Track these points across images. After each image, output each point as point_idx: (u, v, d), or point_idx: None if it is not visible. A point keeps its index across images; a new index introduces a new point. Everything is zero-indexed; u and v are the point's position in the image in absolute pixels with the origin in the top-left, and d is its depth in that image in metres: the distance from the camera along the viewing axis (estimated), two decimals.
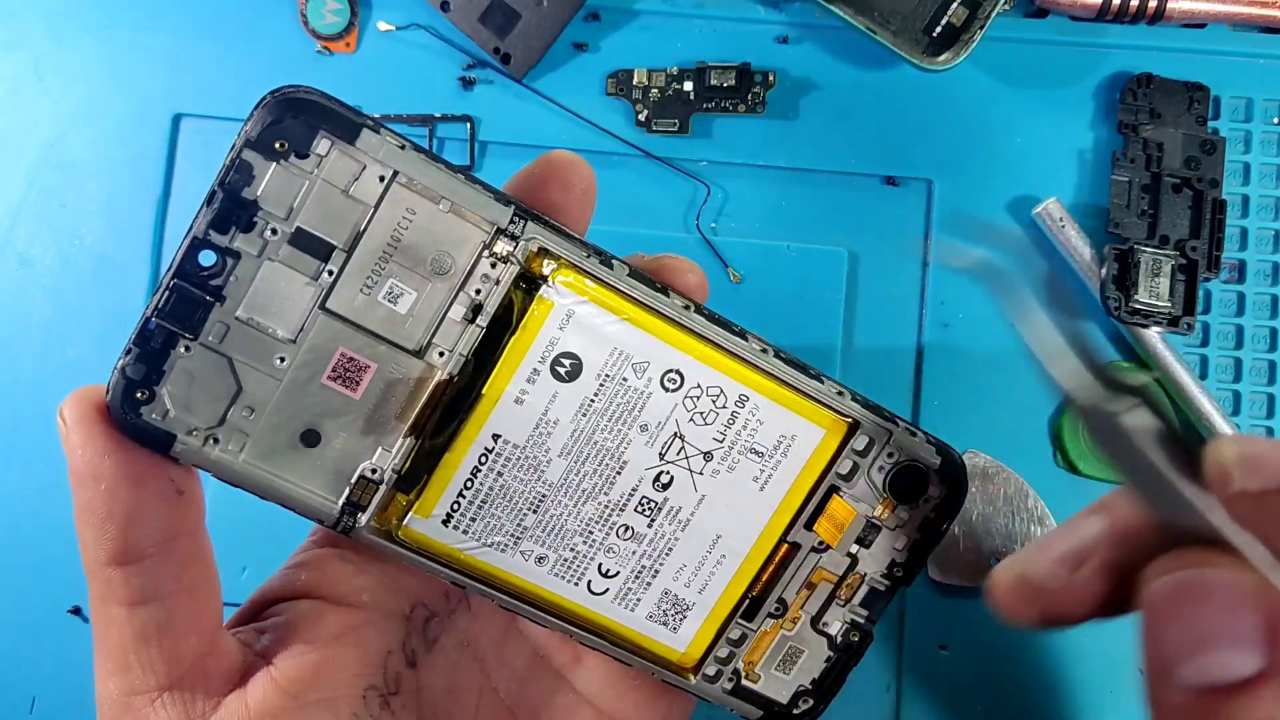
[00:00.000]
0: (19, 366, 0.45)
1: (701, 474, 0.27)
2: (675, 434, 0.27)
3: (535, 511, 0.27)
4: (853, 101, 0.46)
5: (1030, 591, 0.24)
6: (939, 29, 0.43)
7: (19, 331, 0.45)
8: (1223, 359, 0.45)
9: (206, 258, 0.24)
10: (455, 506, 0.26)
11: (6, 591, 0.44)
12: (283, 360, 0.24)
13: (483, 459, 0.26)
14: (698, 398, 0.26)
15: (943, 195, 0.45)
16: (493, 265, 0.25)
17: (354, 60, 0.46)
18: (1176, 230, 0.44)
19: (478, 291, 0.25)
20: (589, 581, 0.27)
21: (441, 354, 0.25)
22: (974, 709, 0.44)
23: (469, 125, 0.45)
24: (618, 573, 0.28)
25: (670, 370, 0.26)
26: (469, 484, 0.26)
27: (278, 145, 0.23)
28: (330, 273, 0.24)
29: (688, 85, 0.45)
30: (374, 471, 0.25)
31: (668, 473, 0.27)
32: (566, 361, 0.26)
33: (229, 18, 0.46)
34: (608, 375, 0.26)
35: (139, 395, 0.24)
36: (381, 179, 0.24)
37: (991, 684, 0.44)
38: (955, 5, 0.42)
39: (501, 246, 0.25)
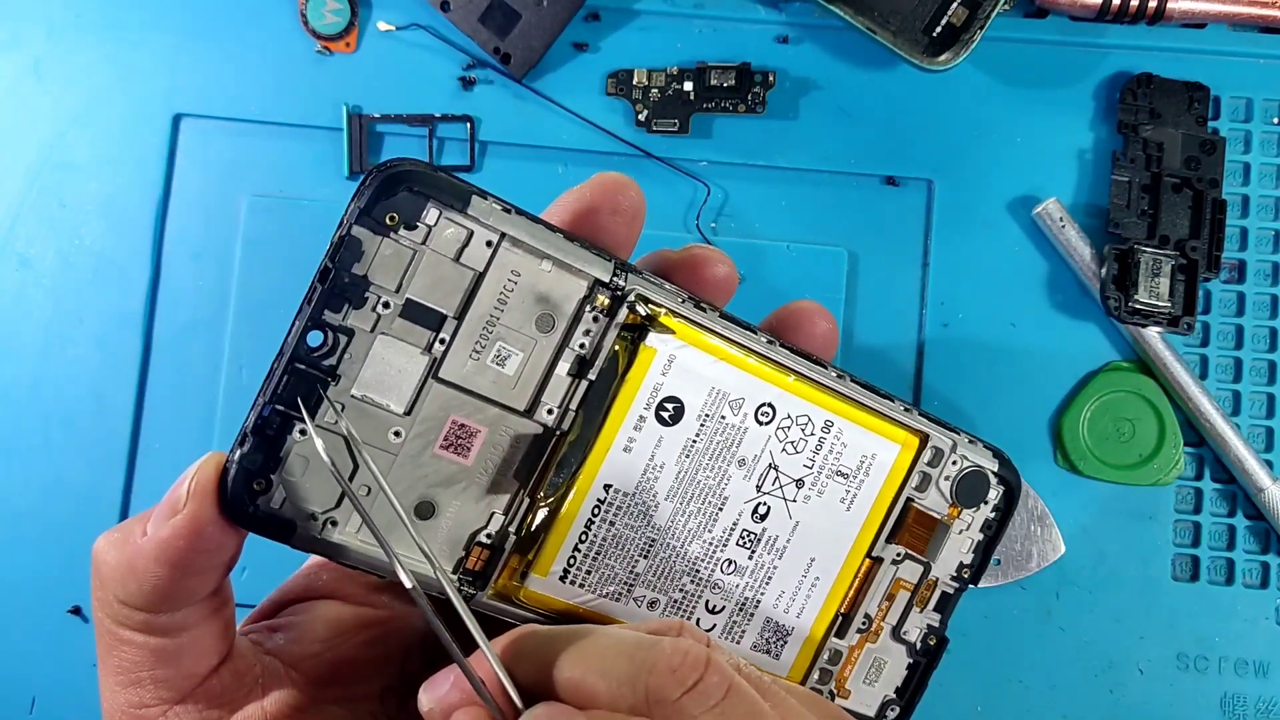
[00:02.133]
0: (19, 366, 0.45)
1: (795, 501, 0.28)
2: (770, 465, 0.27)
3: (646, 556, 0.27)
4: (853, 101, 0.46)
5: None
6: (939, 29, 0.43)
7: (19, 331, 0.45)
8: (1223, 359, 0.45)
9: (314, 338, 0.23)
10: (571, 561, 0.26)
11: (6, 591, 0.44)
12: (397, 435, 0.24)
13: (595, 510, 0.26)
14: (788, 428, 0.27)
15: (943, 195, 0.45)
16: (595, 319, 0.25)
17: (354, 60, 0.46)
18: (1176, 230, 0.44)
19: (582, 346, 0.25)
20: (697, 619, 0.28)
21: (550, 411, 0.25)
22: (973, 708, 0.44)
23: (469, 125, 0.45)
24: (723, 607, 0.28)
25: (763, 404, 0.27)
26: (584, 537, 0.26)
27: (388, 219, 0.23)
28: (442, 341, 0.24)
29: (688, 85, 0.45)
30: (489, 537, 0.25)
31: (765, 504, 0.27)
32: (670, 406, 0.26)
33: (229, 18, 0.46)
34: (707, 415, 0.26)
35: (256, 486, 0.23)
36: (489, 243, 0.24)
37: (991, 683, 0.44)
38: (955, 5, 0.42)
39: (602, 299, 0.25)
